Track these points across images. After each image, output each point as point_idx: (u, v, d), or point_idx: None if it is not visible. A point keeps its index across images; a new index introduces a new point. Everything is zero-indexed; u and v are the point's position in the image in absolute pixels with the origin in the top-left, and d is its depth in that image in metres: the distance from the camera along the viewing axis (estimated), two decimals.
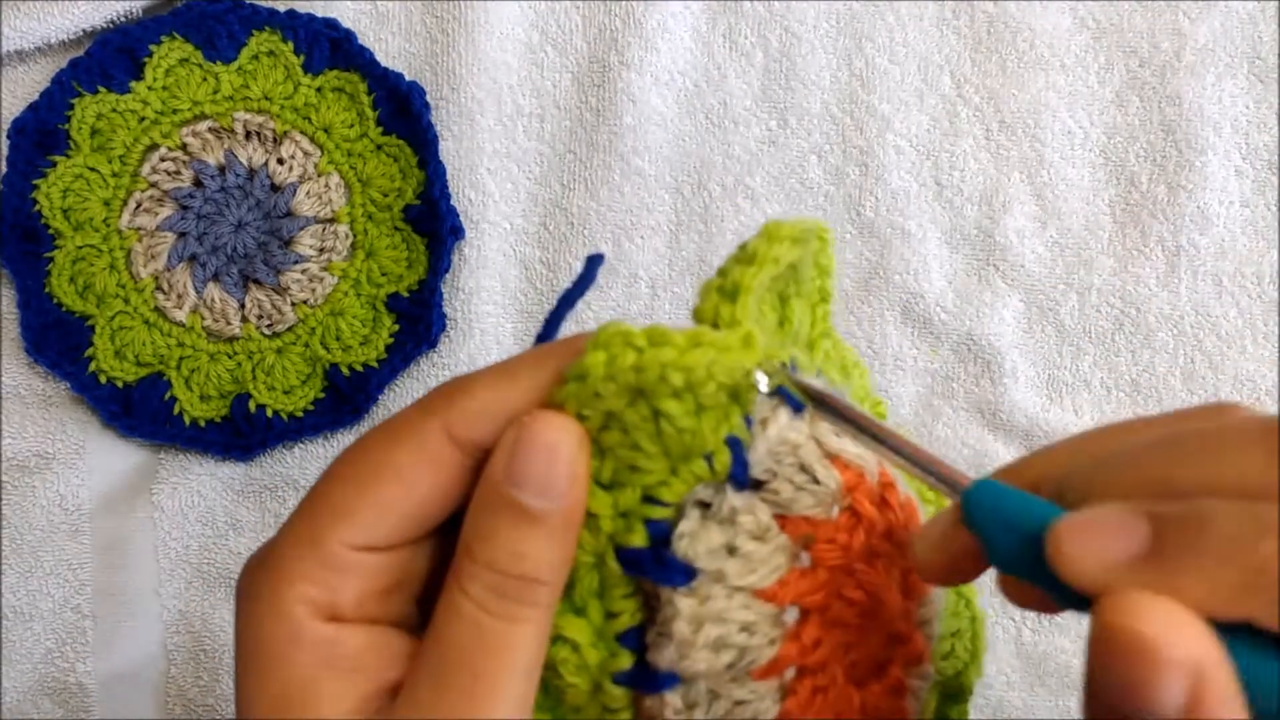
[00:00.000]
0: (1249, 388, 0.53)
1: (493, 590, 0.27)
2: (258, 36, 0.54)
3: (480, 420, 0.28)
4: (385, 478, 0.28)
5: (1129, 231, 0.54)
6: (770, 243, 0.29)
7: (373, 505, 0.28)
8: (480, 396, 0.28)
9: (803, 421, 0.30)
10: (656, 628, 0.29)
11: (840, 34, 0.55)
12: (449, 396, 0.29)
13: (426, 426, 0.28)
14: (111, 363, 0.53)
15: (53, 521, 0.53)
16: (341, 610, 0.28)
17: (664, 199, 0.54)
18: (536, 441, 0.27)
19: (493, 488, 0.27)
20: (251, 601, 0.29)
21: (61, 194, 0.53)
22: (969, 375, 0.53)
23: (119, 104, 0.54)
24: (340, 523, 0.28)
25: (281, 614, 0.28)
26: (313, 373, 0.53)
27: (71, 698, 0.52)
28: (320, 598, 0.28)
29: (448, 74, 0.55)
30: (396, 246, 0.54)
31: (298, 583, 0.28)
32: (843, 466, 0.30)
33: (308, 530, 0.28)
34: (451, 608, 0.27)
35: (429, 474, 0.28)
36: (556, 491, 0.27)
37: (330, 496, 0.28)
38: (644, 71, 0.55)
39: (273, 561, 0.28)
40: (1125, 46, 0.55)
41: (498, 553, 0.27)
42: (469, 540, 0.28)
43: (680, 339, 0.27)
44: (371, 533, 0.28)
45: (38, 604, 0.52)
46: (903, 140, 0.54)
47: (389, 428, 0.29)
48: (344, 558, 0.28)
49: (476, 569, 0.27)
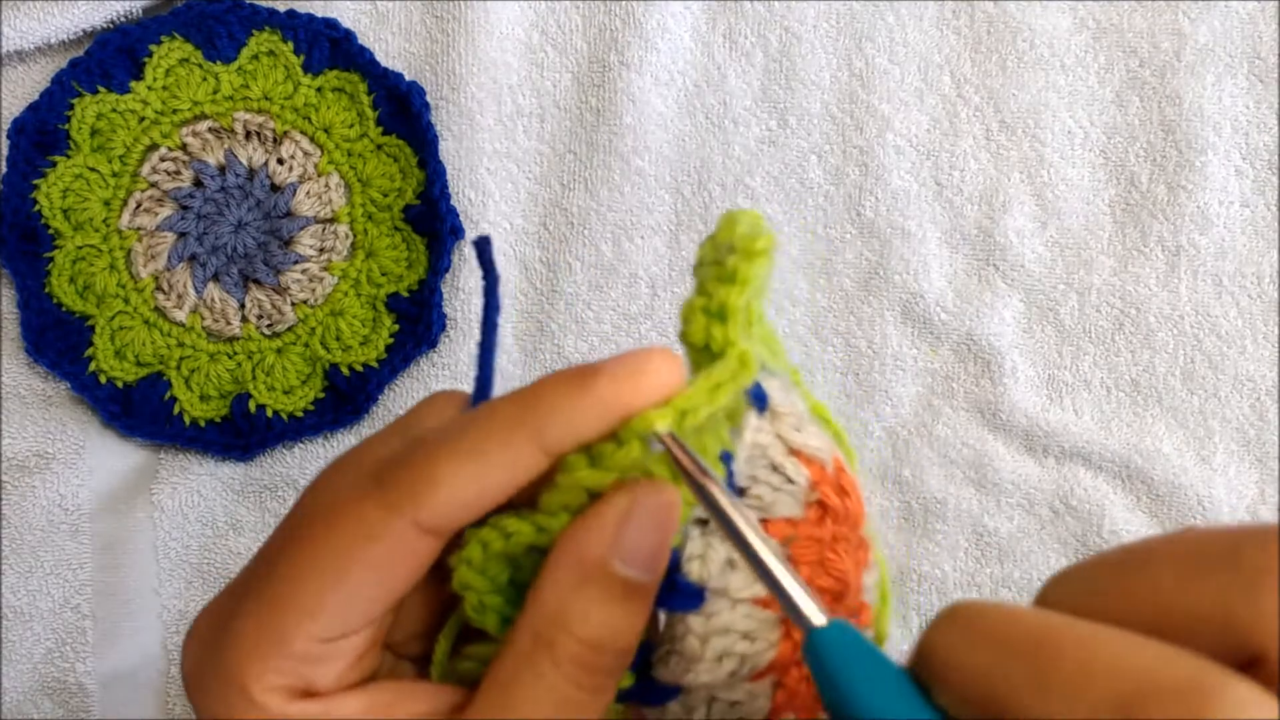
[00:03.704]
0: (1249, 388, 0.53)
1: (587, 667, 0.26)
2: (258, 36, 0.54)
3: (455, 512, 0.26)
4: (352, 576, 0.26)
5: (1129, 231, 0.54)
6: (751, 260, 0.28)
7: (341, 603, 0.27)
8: (452, 485, 0.26)
9: (766, 421, 0.30)
10: (664, 647, 0.29)
11: (840, 34, 0.55)
12: (413, 487, 0.26)
13: (394, 529, 0.26)
14: (111, 363, 0.53)
15: (52, 521, 0.53)
16: (319, 689, 0.27)
17: (664, 199, 0.54)
18: (652, 518, 0.25)
19: (594, 564, 0.25)
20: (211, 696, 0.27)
21: (61, 194, 0.53)
22: (969, 375, 0.53)
23: (119, 104, 0.53)
24: (306, 622, 0.27)
25: (255, 706, 0.26)
26: (313, 373, 0.53)
27: (71, 698, 0.52)
28: (294, 685, 0.27)
29: (448, 74, 0.55)
30: (396, 246, 0.54)
31: (266, 675, 0.27)
32: (806, 460, 0.30)
33: (271, 625, 0.27)
34: (539, 678, 0.26)
35: (403, 569, 0.27)
36: (660, 564, 0.26)
37: (291, 594, 0.27)
38: (644, 71, 0.54)
39: (231, 656, 0.27)
40: (1125, 46, 0.55)
41: (599, 629, 0.26)
42: (561, 614, 0.26)
43: (703, 396, 0.26)
44: (343, 627, 0.27)
45: (37, 604, 0.52)
46: (903, 140, 0.54)
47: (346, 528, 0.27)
48: (315, 651, 0.27)
49: (571, 644, 0.26)
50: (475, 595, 0.28)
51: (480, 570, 0.28)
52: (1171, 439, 0.53)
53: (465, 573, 0.28)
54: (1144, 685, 0.18)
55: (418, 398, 0.53)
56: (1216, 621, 0.20)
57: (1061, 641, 0.20)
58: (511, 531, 0.27)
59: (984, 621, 0.21)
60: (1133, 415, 0.53)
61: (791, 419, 0.30)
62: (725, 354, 0.28)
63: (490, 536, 0.27)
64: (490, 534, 0.27)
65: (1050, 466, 0.53)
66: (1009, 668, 0.20)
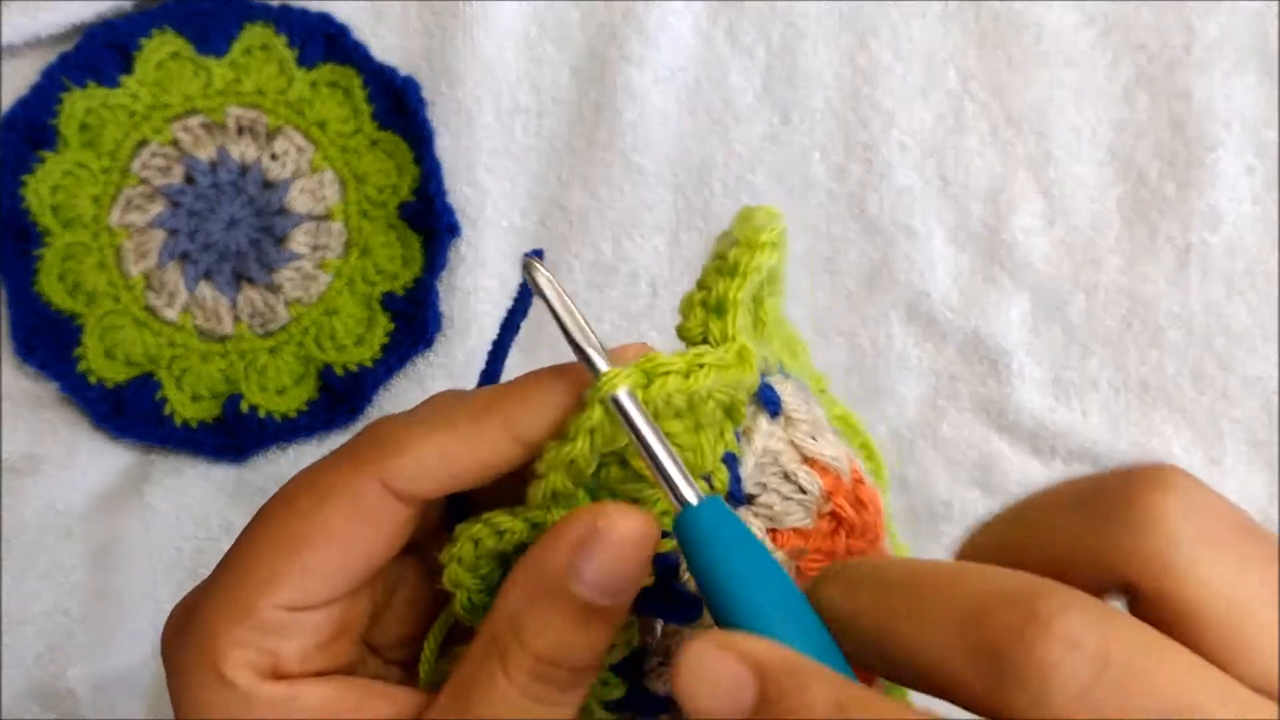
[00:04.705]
0: (1259, 388, 0.52)
1: (540, 679, 0.26)
2: (250, 30, 0.54)
3: (421, 477, 0.27)
4: (317, 540, 0.27)
5: (1137, 229, 0.53)
6: (752, 252, 0.28)
7: (305, 569, 0.27)
8: (419, 452, 0.27)
9: (779, 427, 0.29)
10: (658, 657, 0.29)
11: (843, 29, 0.55)
12: (383, 448, 0.27)
13: (361, 483, 0.27)
14: (101, 363, 0.52)
15: (44, 524, 0.52)
16: (286, 668, 0.27)
17: (665, 197, 0.54)
18: (611, 542, 0.25)
19: (551, 579, 0.25)
20: (187, 674, 0.27)
21: (51, 190, 0.53)
22: (975, 375, 0.53)
23: (109, 99, 0.53)
24: (271, 588, 0.27)
25: (225, 683, 0.27)
26: (306, 373, 0.53)
27: (62, 702, 0.51)
28: (261, 660, 0.27)
29: (444, 69, 0.54)
30: (392, 244, 0.53)
31: (233, 649, 0.27)
32: (821, 470, 0.30)
33: (236, 596, 0.27)
34: (492, 689, 0.26)
35: (367, 533, 0.27)
36: (622, 590, 0.26)
37: (258, 561, 0.27)
38: (644, 67, 0.54)
39: (201, 630, 0.27)
40: (1133, 42, 0.54)
41: (550, 645, 0.26)
42: (518, 626, 0.26)
43: (680, 364, 0.26)
44: (306, 595, 0.27)
45: (29, 608, 0.52)
46: (907, 137, 0.54)
47: (317, 483, 0.27)
48: (279, 619, 0.27)
49: (523, 655, 0.26)
50: (465, 593, 0.28)
51: (471, 568, 0.27)
52: (1180, 440, 0.52)
53: (455, 570, 0.27)
54: (987, 600, 0.21)
55: (413, 398, 0.53)
56: (1093, 560, 0.22)
57: (929, 577, 0.22)
58: (504, 529, 0.27)
59: (861, 571, 0.24)
60: (1141, 416, 0.53)
61: (806, 425, 0.30)
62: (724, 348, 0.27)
63: (482, 533, 0.27)
64: (482, 530, 0.27)
65: (1057, 468, 0.52)
66: (887, 603, 0.22)
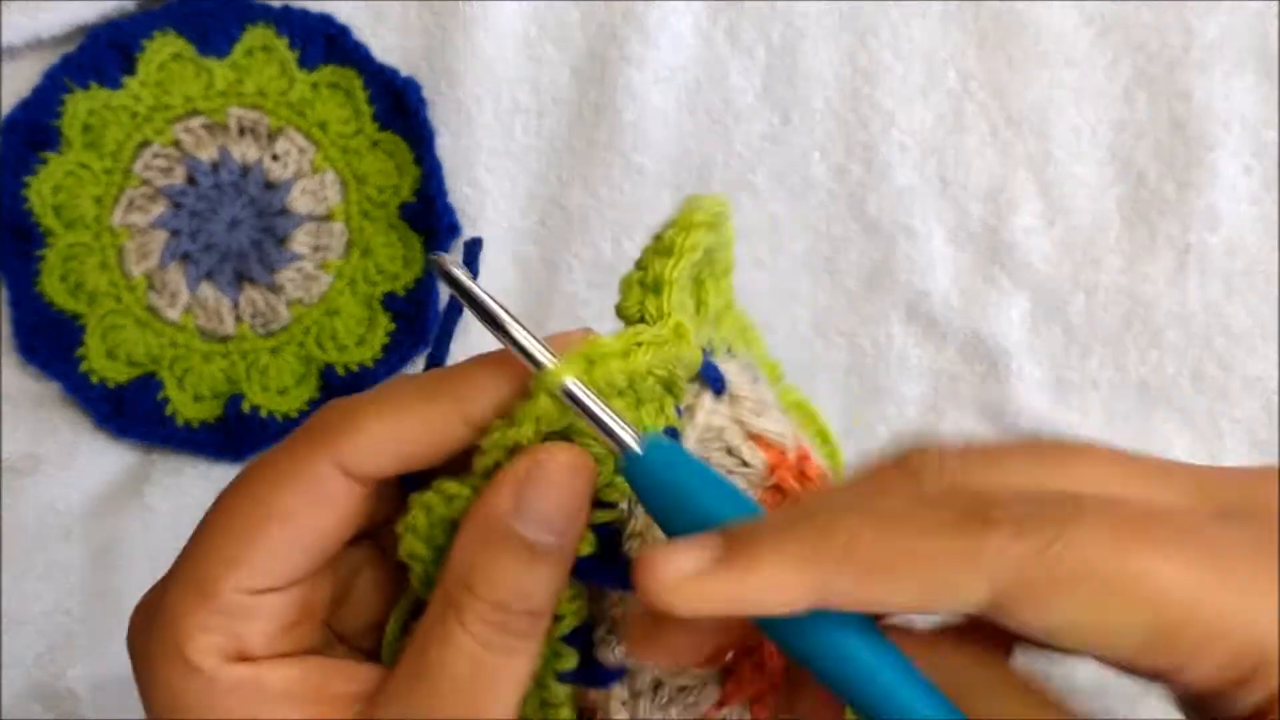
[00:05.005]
0: (1259, 388, 0.52)
1: (494, 626, 0.27)
2: (252, 31, 0.54)
3: (374, 455, 0.27)
4: (274, 522, 0.27)
5: (1137, 229, 0.53)
6: (687, 232, 0.28)
7: (263, 551, 0.27)
8: (371, 430, 0.27)
9: (724, 404, 0.30)
10: (605, 626, 0.29)
11: (843, 29, 0.55)
12: (336, 428, 0.28)
13: (315, 464, 0.27)
14: (103, 363, 0.52)
15: (44, 524, 0.52)
16: (251, 651, 0.28)
17: (664, 197, 0.54)
18: (550, 479, 0.26)
19: (496, 524, 0.26)
20: (153, 661, 0.28)
21: (53, 191, 0.53)
22: (975, 375, 0.53)
23: (111, 100, 0.53)
24: (231, 572, 0.27)
25: (190, 667, 0.27)
26: (307, 373, 0.53)
27: (62, 702, 0.51)
28: (226, 644, 0.27)
29: (444, 69, 0.54)
30: (393, 244, 0.53)
31: (197, 634, 0.27)
32: (765, 445, 0.31)
33: (196, 581, 0.27)
34: (447, 640, 0.27)
35: (322, 513, 0.28)
36: (566, 528, 0.27)
37: (216, 545, 0.27)
38: (644, 67, 0.54)
39: (165, 618, 0.27)
40: (1133, 42, 0.54)
41: (502, 590, 0.26)
42: (467, 575, 0.27)
43: (618, 346, 0.27)
44: (266, 577, 0.27)
45: (29, 608, 0.52)
46: (907, 137, 0.54)
47: (272, 465, 0.28)
48: (241, 603, 0.27)
49: (477, 604, 0.26)
50: (421, 565, 0.28)
51: (425, 538, 0.28)
52: (1181, 440, 0.52)
53: (411, 541, 0.28)
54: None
55: None
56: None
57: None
58: (452, 494, 0.27)
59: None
60: (1141, 416, 0.53)
61: (750, 404, 0.31)
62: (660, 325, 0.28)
63: (433, 500, 0.28)
64: (432, 498, 0.28)
65: None
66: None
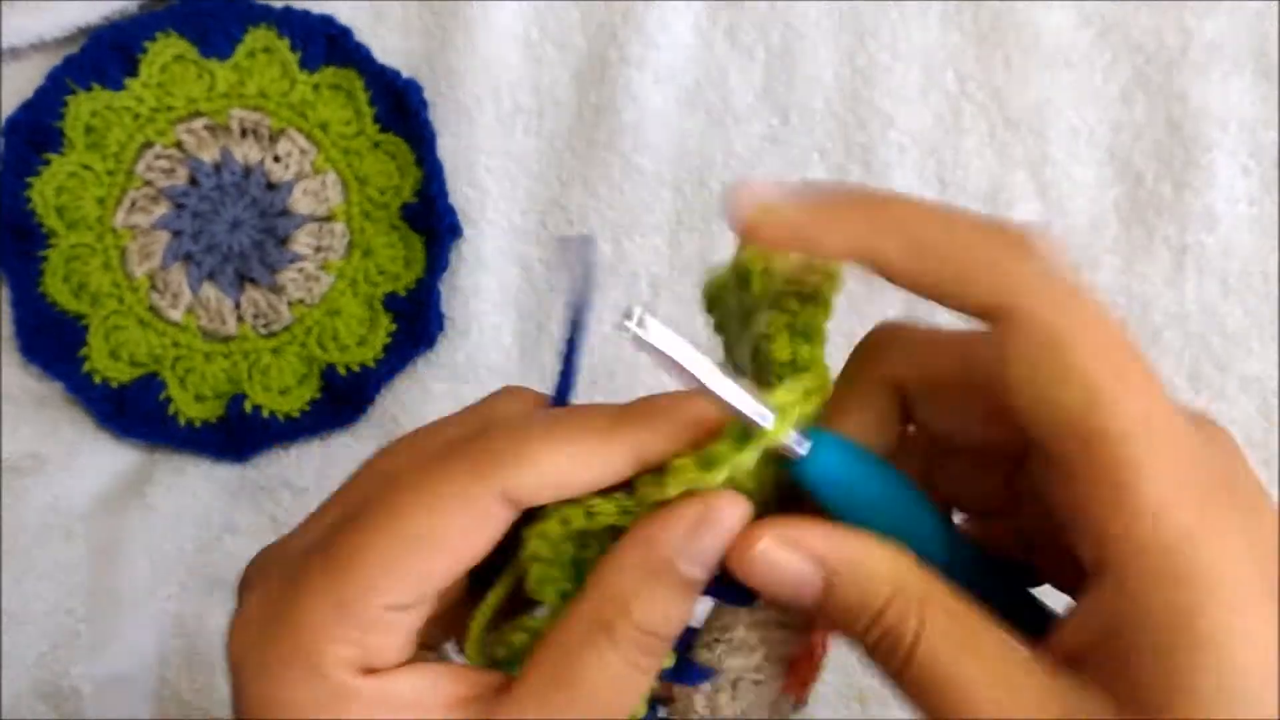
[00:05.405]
0: (1256, 388, 0.52)
1: (641, 648, 0.28)
2: (254, 33, 0.54)
3: (543, 488, 0.28)
4: (429, 546, 0.28)
5: (1134, 230, 0.53)
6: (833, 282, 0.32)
7: (415, 575, 0.28)
8: (542, 464, 0.28)
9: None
10: (710, 634, 0.31)
11: (842, 30, 0.55)
12: (504, 457, 0.28)
13: (481, 493, 0.28)
14: (105, 363, 0.52)
15: (46, 524, 0.52)
16: (382, 663, 0.28)
17: (664, 197, 0.54)
18: (722, 527, 0.28)
19: (663, 559, 0.28)
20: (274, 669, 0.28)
21: (56, 192, 0.53)
22: None
23: (114, 101, 0.54)
24: (380, 590, 0.27)
25: (320, 677, 0.27)
26: (309, 373, 0.53)
27: (65, 701, 0.51)
28: (357, 656, 0.28)
29: (445, 71, 0.54)
30: (394, 245, 0.53)
31: (333, 645, 0.27)
32: None
33: (338, 596, 0.27)
34: (598, 659, 0.28)
35: (480, 539, 0.28)
36: (713, 569, 0.28)
37: (364, 562, 0.28)
38: (644, 68, 0.54)
39: (297, 626, 0.28)
40: (1130, 43, 0.54)
41: (656, 617, 0.28)
42: (626, 600, 0.28)
43: (813, 385, 0.30)
44: (412, 597, 0.28)
45: (31, 607, 0.52)
46: (906, 138, 0.54)
47: (429, 489, 0.28)
48: (384, 619, 0.28)
49: (630, 629, 0.28)
50: (542, 567, 0.29)
51: (554, 546, 0.29)
52: None
53: (539, 545, 0.29)
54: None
55: (415, 398, 0.53)
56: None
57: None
58: (596, 512, 0.28)
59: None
60: None
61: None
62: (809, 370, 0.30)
63: (573, 514, 0.29)
64: (574, 511, 0.29)
65: None
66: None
